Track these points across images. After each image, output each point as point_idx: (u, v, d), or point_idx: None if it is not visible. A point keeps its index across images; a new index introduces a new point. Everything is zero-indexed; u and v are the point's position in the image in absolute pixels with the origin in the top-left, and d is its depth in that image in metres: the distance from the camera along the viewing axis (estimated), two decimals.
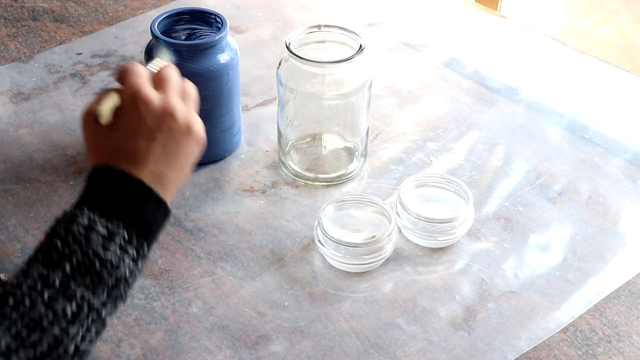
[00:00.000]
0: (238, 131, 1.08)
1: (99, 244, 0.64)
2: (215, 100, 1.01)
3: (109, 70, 1.23)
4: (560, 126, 1.16)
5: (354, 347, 0.85)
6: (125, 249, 0.65)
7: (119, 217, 0.66)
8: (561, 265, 0.95)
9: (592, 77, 1.27)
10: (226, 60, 1.00)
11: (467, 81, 1.24)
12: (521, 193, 1.04)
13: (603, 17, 2.23)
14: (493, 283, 0.92)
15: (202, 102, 0.99)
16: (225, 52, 1.00)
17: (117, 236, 0.65)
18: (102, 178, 0.68)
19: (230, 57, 1.01)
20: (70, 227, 0.64)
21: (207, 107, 1.00)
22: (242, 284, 0.91)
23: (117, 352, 0.84)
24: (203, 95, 0.98)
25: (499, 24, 1.39)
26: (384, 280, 0.92)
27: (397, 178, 1.06)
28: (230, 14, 1.37)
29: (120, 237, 0.65)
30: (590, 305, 0.90)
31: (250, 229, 0.98)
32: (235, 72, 1.02)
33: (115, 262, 0.64)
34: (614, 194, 1.04)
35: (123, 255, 0.65)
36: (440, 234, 0.95)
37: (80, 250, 0.63)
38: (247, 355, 0.84)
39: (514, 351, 0.85)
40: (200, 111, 1.00)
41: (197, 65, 0.98)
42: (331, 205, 0.95)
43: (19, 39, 1.31)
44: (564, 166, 1.08)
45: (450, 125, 1.15)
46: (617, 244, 0.97)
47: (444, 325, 0.87)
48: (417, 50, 1.31)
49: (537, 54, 1.32)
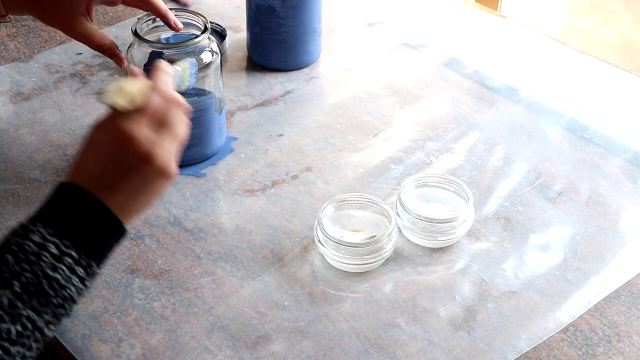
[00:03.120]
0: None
1: (48, 263, 0.65)
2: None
3: (109, 70, 1.23)
4: (560, 126, 1.16)
5: (354, 347, 0.85)
6: (74, 270, 0.66)
7: (71, 237, 0.66)
8: (561, 265, 0.95)
9: (592, 77, 1.27)
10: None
11: (467, 81, 1.24)
12: (521, 193, 1.04)
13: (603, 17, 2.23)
14: (493, 283, 0.92)
15: None
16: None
17: (67, 257, 0.66)
18: (65, 194, 0.68)
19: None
20: (23, 243, 0.65)
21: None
22: (242, 284, 0.91)
23: (117, 352, 0.84)
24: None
25: (499, 24, 1.39)
26: (384, 281, 0.92)
27: (397, 178, 1.06)
28: (230, 13, 1.37)
29: (70, 257, 0.66)
30: (590, 305, 0.90)
31: (250, 229, 0.98)
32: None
33: (63, 282, 0.65)
34: (614, 194, 1.04)
35: (71, 275, 0.66)
36: (440, 234, 0.95)
37: (30, 269, 0.64)
38: (247, 355, 0.84)
39: (514, 351, 0.85)
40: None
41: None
42: (331, 205, 0.95)
43: (19, 38, 1.31)
44: (564, 166, 1.08)
45: (450, 125, 1.15)
46: (617, 244, 0.97)
47: (444, 325, 0.87)
48: (417, 50, 1.31)
49: (537, 54, 1.32)
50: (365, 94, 1.21)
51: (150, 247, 0.95)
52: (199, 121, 1.02)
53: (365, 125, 1.15)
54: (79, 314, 0.87)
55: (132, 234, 0.97)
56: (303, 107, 1.18)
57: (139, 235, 0.97)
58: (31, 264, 0.64)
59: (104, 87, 0.70)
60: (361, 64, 1.28)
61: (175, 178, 0.73)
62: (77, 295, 0.67)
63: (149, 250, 0.95)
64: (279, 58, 1.24)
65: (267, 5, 1.18)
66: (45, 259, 0.65)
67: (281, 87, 1.22)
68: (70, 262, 0.66)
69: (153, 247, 0.95)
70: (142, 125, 0.70)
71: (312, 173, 1.06)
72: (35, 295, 0.64)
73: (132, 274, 0.92)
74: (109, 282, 0.91)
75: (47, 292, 0.65)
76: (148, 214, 0.99)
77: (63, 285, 0.66)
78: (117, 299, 0.89)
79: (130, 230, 0.97)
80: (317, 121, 1.15)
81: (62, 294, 0.66)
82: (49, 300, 0.65)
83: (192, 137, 1.02)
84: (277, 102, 1.19)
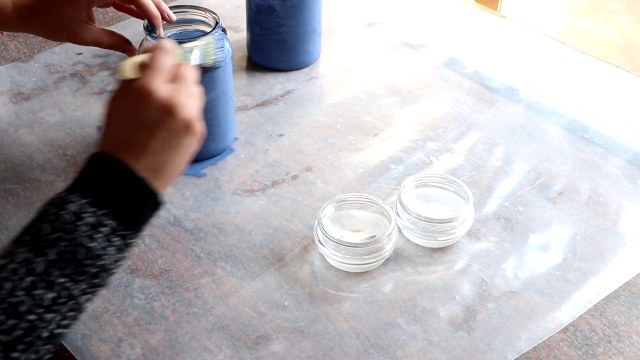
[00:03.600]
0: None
1: (85, 233, 0.65)
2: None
3: (109, 70, 1.23)
4: (560, 126, 1.16)
5: (354, 347, 0.85)
6: (111, 240, 0.66)
7: (108, 206, 0.66)
8: (561, 265, 0.95)
9: (592, 77, 1.27)
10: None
11: (467, 81, 1.24)
12: (521, 193, 1.04)
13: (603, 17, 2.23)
14: (493, 283, 0.92)
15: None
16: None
17: (104, 226, 0.66)
18: (99, 164, 0.68)
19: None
20: (59, 212, 0.65)
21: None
22: (242, 284, 0.91)
23: (117, 352, 0.84)
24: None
25: (499, 24, 1.39)
26: (384, 281, 0.92)
27: (397, 178, 1.06)
28: (230, 13, 1.37)
29: (108, 227, 0.66)
30: (590, 305, 0.90)
31: (250, 229, 0.98)
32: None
33: (100, 252, 0.65)
34: (614, 194, 1.04)
35: (108, 245, 0.66)
36: (440, 234, 0.95)
37: (66, 238, 0.64)
38: (247, 355, 0.84)
39: (514, 351, 0.85)
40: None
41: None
42: (331, 205, 0.95)
43: (19, 38, 1.31)
44: (564, 166, 1.08)
45: (450, 125, 1.15)
46: (617, 244, 0.97)
47: (444, 325, 0.87)
48: (417, 50, 1.31)
49: (537, 54, 1.32)
50: (365, 94, 1.21)
51: (150, 247, 0.95)
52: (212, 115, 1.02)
53: (365, 125, 1.15)
54: None
55: None
56: (303, 107, 1.18)
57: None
58: (67, 233, 0.64)
59: (118, 65, 0.70)
60: (361, 64, 1.28)
61: (201, 136, 0.72)
62: (113, 265, 0.67)
63: (149, 250, 0.95)
64: (279, 58, 1.24)
65: (267, 5, 1.18)
66: (81, 228, 0.65)
67: (281, 87, 1.22)
68: (107, 231, 0.66)
69: (153, 247, 0.95)
70: (157, 79, 0.70)
71: (312, 173, 1.07)
72: (71, 264, 0.64)
73: (132, 274, 0.92)
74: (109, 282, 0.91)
75: (82, 261, 0.64)
76: None
77: (99, 255, 0.65)
78: (117, 298, 0.89)
79: None
80: (317, 121, 1.15)
81: (98, 263, 0.65)
82: (84, 269, 0.65)
83: (206, 130, 1.03)
84: (277, 102, 1.19)
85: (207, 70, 0.98)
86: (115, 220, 0.66)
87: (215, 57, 0.92)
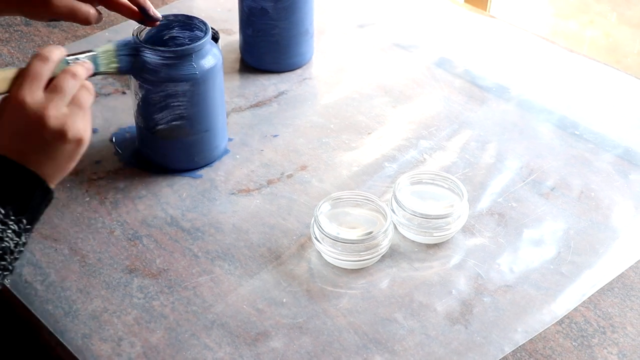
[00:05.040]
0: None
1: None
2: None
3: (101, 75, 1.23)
4: (551, 123, 1.17)
5: (353, 342, 0.86)
6: (6, 223, 0.72)
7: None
8: (555, 259, 0.96)
9: (581, 75, 1.28)
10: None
11: (459, 80, 1.25)
12: (514, 189, 1.05)
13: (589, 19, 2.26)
14: (488, 277, 0.93)
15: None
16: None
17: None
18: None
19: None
20: None
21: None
22: (240, 282, 0.92)
23: (117, 350, 0.84)
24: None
25: (488, 24, 1.40)
26: (380, 277, 0.93)
27: (391, 176, 1.07)
28: (221, 17, 1.38)
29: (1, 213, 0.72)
30: (584, 298, 0.91)
31: (247, 227, 0.99)
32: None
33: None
34: (606, 188, 1.06)
35: (4, 228, 0.72)
36: (436, 230, 0.96)
37: None
38: (247, 351, 0.84)
39: (511, 343, 0.86)
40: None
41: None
42: (327, 202, 0.96)
43: (12, 44, 1.31)
44: (555, 162, 1.10)
45: (442, 123, 1.16)
46: (610, 238, 0.99)
47: (441, 320, 0.88)
48: (408, 50, 1.32)
49: (527, 53, 1.33)
50: (357, 94, 1.22)
51: (148, 247, 0.96)
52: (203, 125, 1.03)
53: (359, 125, 1.16)
54: (79, 313, 0.88)
55: (130, 234, 0.97)
56: (297, 107, 1.19)
57: (136, 236, 0.97)
58: None
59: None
60: (353, 65, 1.29)
61: (83, 141, 0.78)
62: (15, 249, 0.73)
63: (147, 250, 0.96)
64: (271, 60, 1.25)
65: (260, 8, 1.19)
66: None
67: (274, 88, 1.23)
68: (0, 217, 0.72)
69: (151, 247, 0.96)
70: (27, 88, 0.75)
71: (307, 172, 1.07)
72: None
73: (130, 273, 0.93)
74: (108, 282, 0.91)
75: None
76: (145, 214, 1.00)
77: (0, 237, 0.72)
78: (117, 298, 0.90)
79: (128, 231, 0.98)
80: (311, 121, 1.16)
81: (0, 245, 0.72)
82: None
83: (198, 140, 1.04)
84: (270, 103, 1.20)
85: (195, 81, 0.99)
86: (4, 207, 0.72)
87: (121, 65, 0.94)
